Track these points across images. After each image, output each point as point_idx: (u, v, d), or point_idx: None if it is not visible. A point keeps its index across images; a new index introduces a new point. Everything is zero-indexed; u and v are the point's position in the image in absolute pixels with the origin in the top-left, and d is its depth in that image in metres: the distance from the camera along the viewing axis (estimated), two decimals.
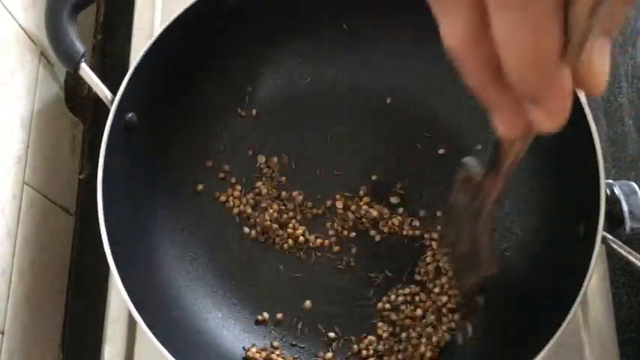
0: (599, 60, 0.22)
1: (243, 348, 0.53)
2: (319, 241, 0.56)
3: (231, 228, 0.57)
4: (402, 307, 0.54)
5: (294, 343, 0.54)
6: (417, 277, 0.55)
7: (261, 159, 0.59)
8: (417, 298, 0.54)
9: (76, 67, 0.52)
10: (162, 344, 0.45)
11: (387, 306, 0.54)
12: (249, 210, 0.57)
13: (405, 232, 0.56)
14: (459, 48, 0.22)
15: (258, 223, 0.57)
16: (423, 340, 0.53)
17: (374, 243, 0.56)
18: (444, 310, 0.54)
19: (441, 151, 0.58)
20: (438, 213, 0.57)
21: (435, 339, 0.52)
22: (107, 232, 0.47)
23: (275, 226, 0.57)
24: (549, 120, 0.23)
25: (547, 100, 0.22)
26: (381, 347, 0.53)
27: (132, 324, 0.55)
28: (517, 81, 0.22)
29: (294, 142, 0.59)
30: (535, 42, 0.20)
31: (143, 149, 0.54)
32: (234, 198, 0.58)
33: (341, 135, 0.59)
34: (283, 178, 0.58)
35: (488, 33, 0.21)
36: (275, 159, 0.59)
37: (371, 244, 0.56)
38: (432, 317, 0.54)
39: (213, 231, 0.57)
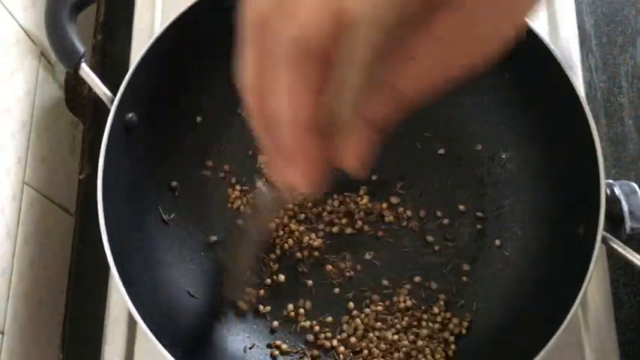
0: (353, 148, 0.23)
1: (244, 349, 0.53)
2: (319, 241, 0.56)
3: (231, 228, 0.57)
4: (402, 306, 0.54)
5: (294, 343, 0.54)
6: (417, 278, 0.55)
7: (261, 159, 0.59)
8: (415, 298, 0.54)
9: (76, 67, 0.52)
10: (162, 344, 0.45)
11: (387, 304, 0.54)
12: (249, 210, 0.57)
13: (404, 232, 0.57)
14: (247, 84, 0.23)
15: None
16: (422, 340, 0.53)
17: (374, 243, 0.57)
18: (443, 312, 0.54)
19: (441, 151, 0.58)
20: (439, 213, 0.57)
21: (433, 339, 0.52)
22: (107, 232, 0.47)
23: (275, 226, 0.57)
24: (297, 179, 0.24)
25: (297, 163, 0.23)
26: (383, 346, 0.53)
27: (132, 324, 0.55)
28: (278, 133, 0.23)
29: None
30: (294, 106, 0.22)
31: (143, 149, 0.54)
32: (235, 198, 0.58)
33: None
34: None
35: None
36: None
37: (371, 244, 0.56)
38: (431, 318, 0.54)
39: (214, 231, 0.57)
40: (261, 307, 0.55)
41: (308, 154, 0.23)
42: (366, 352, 0.53)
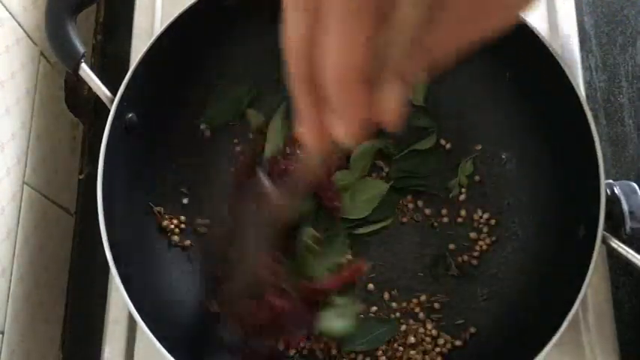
0: (389, 100, 0.24)
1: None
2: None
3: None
4: (397, 307, 0.54)
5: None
6: (416, 277, 0.55)
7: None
8: (414, 298, 0.54)
9: (76, 67, 0.52)
10: (162, 344, 0.45)
11: (383, 304, 0.54)
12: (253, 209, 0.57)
13: (404, 231, 0.57)
14: (292, 47, 0.24)
15: None
16: (419, 341, 0.53)
17: (372, 242, 0.56)
18: (442, 312, 0.54)
19: (441, 151, 0.58)
20: (443, 211, 0.57)
21: (431, 340, 0.53)
22: (107, 232, 0.47)
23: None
24: (342, 131, 0.25)
25: (343, 114, 0.24)
26: (393, 348, 0.53)
27: (132, 324, 0.55)
28: (323, 89, 0.24)
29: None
30: (344, 57, 0.23)
31: (143, 149, 0.54)
32: (234, 198, 0.58)
33: None
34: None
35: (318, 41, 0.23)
36: None
37: (369, 243, 0.56)
38: (429, 317, 0.54)
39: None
40: None
41: (355, 103, 0.24)
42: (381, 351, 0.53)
